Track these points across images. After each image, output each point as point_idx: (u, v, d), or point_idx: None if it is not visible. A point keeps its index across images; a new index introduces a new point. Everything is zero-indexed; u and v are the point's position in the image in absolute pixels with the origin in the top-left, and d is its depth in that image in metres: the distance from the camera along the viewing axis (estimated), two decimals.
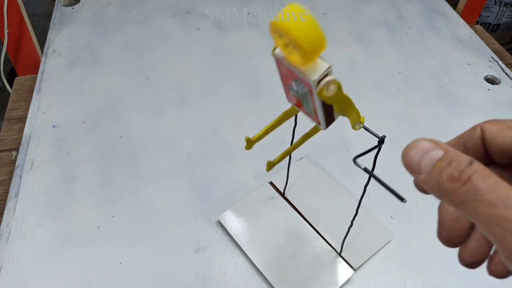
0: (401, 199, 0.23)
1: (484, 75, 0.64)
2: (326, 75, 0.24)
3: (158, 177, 0.49)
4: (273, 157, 0.52)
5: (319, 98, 0.24)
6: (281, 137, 0.53)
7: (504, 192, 0.15)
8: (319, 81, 0.23)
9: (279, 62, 0.25)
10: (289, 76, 0.25)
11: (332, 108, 0.26)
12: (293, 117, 0.38)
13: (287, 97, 0.28)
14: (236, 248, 0.43)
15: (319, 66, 0.24)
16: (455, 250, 0.45)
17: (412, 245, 0.44)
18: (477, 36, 0.71)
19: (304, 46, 0.21)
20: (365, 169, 0.25)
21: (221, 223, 0.44)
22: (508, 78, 0.64)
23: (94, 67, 0.63)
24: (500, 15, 1.26)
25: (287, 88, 0.27)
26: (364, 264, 0.42)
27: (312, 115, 0.26)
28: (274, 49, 0.24)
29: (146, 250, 0.42)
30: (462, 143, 0.21)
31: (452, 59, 0.67)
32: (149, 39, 0.68)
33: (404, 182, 0.51)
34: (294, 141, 0.34)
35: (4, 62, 0.70)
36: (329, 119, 0.27)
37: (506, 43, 1.27)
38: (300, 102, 0.27)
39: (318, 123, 0.27)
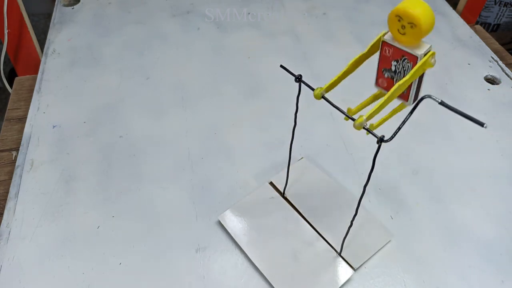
0: (481, 124, 0.27)
1: (484, 75, 0.64)
2: (428, 51, 0.30)
3: (158, 177, 0.49)
4: (273, 157, 0.52)
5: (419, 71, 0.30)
6: (281, 137, 0.54)
7: None
8: (425, 54, 0.30)
9: (387, 44, 0.32)
10: (392, 57, 0.32)
11: (421, 83, 0.32)
12: (293, 118, 0.38)
13: (377, 82, 0.35)
14: (236, 248, 0.43)
15: (423, 45, 0.30)
16: (455, 250, 0.45)
17: (412, 245, 0.44)
18: (477, 36, 0.71)
19: (423, 27, 0.28)
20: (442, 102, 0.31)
21: (221, 223, 0.44)
22: (508, 78, 0.64)
23: (94, 67, 0.63)
24: (500, 15, 1.26)
25: (381, 71, 0.34)
26: (364, 264, 0.42)
27: (403, 92, 0.32)
28: (383, 35, 0.32)
29: (146, 250, 0.42)
30: None
31: (452, 59, 0.67)
32: (149, 39, 0.68)
33: (404, 181, 0.51)
34: None
35: (4, 62, 0.70)
36: (417, 95, 0.33)
37: (506, 43, 1.27)
38: (392, 82, 0.33)
39: (406, 99, 0.33)
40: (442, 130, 0.56)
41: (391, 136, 0.32)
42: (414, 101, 0.33)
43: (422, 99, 0.30)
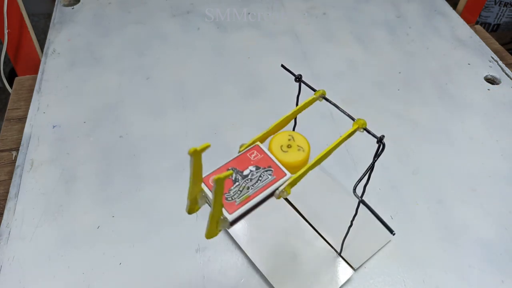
0: (391, 231, 0.28)
1: (484, 75, 0.64)
2: (289, 178, 0.29)
3: (158, 177, 0.49)
4: None
5: (275, 188, 0.29)
6: None
7: None
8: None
9: (259, 149, 0.31)
10: (257, 162, 0.30)
11: (259, 205, 0.29)
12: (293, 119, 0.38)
13: (206, 179, 0.31)
14: (236, 248, 0.43)
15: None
16: (455, 251, 0.45)
17: (412, 245, 0.44)
18: (477, 36, 0.71)
19: (306, 156, 0.31)
20: (362, 201, 0.30)
21: None
22: (508, 78, 0.64)
23: (94, 67, 0.63)
24: (500, 15, 1.26)
25: (226, 169, 0.30)
26: (364, 264, 0.42)
27: (231, 201, 0.28)
28: (246, 146, 0.32)
29: (146, 250, 0.42)
30: None
31: (452, 59, 0.67)
32: (149, 39, 0.68)
33: (404, 181, 0.51)
34: None
35: (4, 62, 0.70)
36: (242, 217, 0.29)
37: (506, 43, 1.27)
38: (229, 185, 0.29)
39: (231, 211, 0.28)
40: (442, 130, 0.56)
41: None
42: (231, 224, 0.28)
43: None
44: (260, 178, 0.29)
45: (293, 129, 0.40)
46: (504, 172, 0.51)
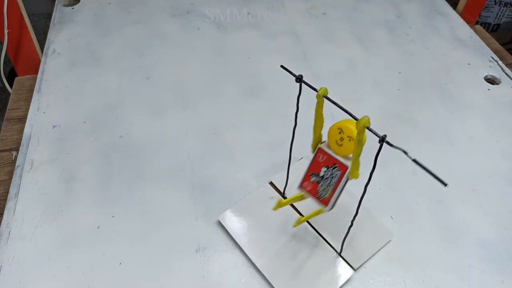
0: (444, 184, 0.30)
1: (484, 75, 0.64)
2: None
3: (158, 177, 0.49)
4: (273, 157, 0.52)
5: (346, 178, 0.35)
6: (281, 137, 0.54)
7: None
8: None
9: (323, 151, 0.36)
10: (325, 163, 0.36)
11: (342, 191, 0.36)
12: (293, 118, 0.38)
13: (301, 185, 0.38)
14: (236, 248, 0.43)
15: (350, 160, 0.35)
16: (455, 250, 0.45)
17: (412, 245, 0.44)
18: (477, 36, 0.71)
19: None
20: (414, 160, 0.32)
21: (221, 223, 0.44)
22: (508, 78, 0.64)
23: (94, 67, 0.63)
24: (500, 15, 1.26)
25: (309, 175, 0.37)
26: (364, 264, 0.42)
27: (323, 197, 0.36)
28: (315, 145, 0.37)
29: (146, 250, 0.42)
30: None
31: (452, 59, 0.67)
32: (149, 39, 0.68)
33: (404, 181, 0.51)
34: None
35: (4, 62, 0.70)
36: (336, 201, 0.36)
37: (506, 43, 1.27)
38: (316, 186, 0.37)
39: (326, 204, 0.36)
40: (442, 130, 0.56)
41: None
42: (331, 208, 0.37)
43: (402, 151, 0.33)
44: (332, 175, 0.35)
45: (293, 130, 0.40)
46: (504, 172, 0.51)
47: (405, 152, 0.31)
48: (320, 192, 0.36)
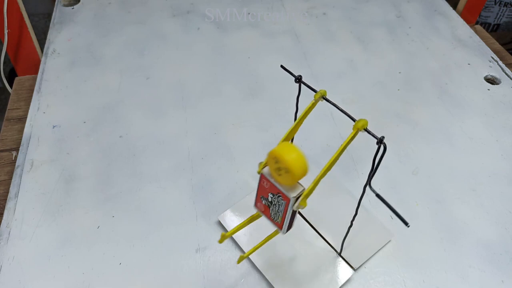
0: (405, 223, 0.29)
1: (484, 75, 0.64)
2: (301, 195, 0.31)
3: (158, 177, 0.49)
4: None
5: (291, 210, 0.32)
6: (280, 137, 0.53)
7: None
8: (297, 198, 0.31)
9: (265, 178, 0.32)
10: (269, 190, 0.32)
11: (295, 217, 0.33)
12: (293, 118, 0.38)
13: (255, 204, 0.35)
14: (236, 248, 0.43)
15: (297, 188, 0.31)
16: (455, 250, 0.45)
17: (412, 245, 0.44)
18: (477, 36, 0.71)
19: (296, 174, 0.29)
20: (378, 195, 0.31)
21: (221, 223, 0.44)
22: (508, 78, 0.64)
23: (94, 67, 0.63)
24: (500, 15, 1.26)
25: (260, 197, 0.34)
26: (364, 264, 0.42)
27: (276, 221, 0.34)
28: (262, 167, 0.32)
29: (146, 250, 0.42)
30: None
31: (452, 59, 0.67)
32: (149, 39, 0.68)
33: (404, 181, 0.51)
34: None
35: (4, 62, 0.70)
36: (290, 226, 0.34)
37: (506, 43, 1.27)
38: (268, 209, 0.34)
39: (280, 227, 0.34)
40: (442, 130, 0.56)
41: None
42: (287, 231, 0.34)
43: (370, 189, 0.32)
44: (278, 203, 0.33)
45: None
46: (504, 172, 0.51)
47: (370, 186, 0.30)
48: (272, 216, 0.34)
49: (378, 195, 0.31)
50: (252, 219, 0.36)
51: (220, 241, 0.35)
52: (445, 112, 0.58)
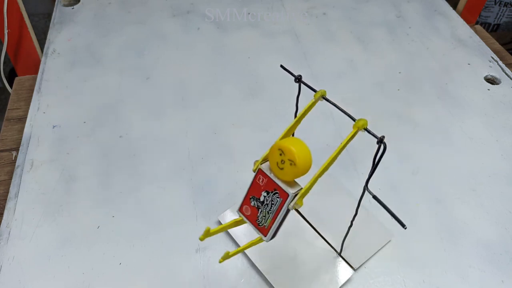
0: (402, 225, 0.28)
1: (484, 75, 0.64)
2: (299, 192, 0.31)
3: (158, 177, 0.49)
4: None
5: (286, 208, 0.31)
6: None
7: None
8: (295, 195, 0.31)
9: (263, 173, 0.32)
10: (264, 187, 0.32)
11: (283, 222, 0.32)
12: (293, 118, 0.38)
13: (241, 208, 0.34)
14: (236, 248, 0.42)
15: (295, 185, 0.31)
16: (455, 250, 0.45)
17: (412, 245, 0.44)
18: (477, 36, 0.71)
19: (301, 167, 0.29)
20: (375, 197, 0.31)
21: (221, 223, 0.44)
22: (508, 78, 0.64)
23: (94, 67, 0.63)
24: (500, 15, 1.26)
25: (249, 198, 0.33)
26: (364, 264, 0.42)
27: (262, 226, 0.32)
28: (258, 165, 0.32)
29: (146, 250, 0.42)
30: None
31: (452, 59, 0.67)
32: (149, 39, 0.68)
33: (404, 181, 0.51)
34: None
35: (4, 62, 0.70)
36: (277, 231, 0.33)
37: (506, 43, 1.27)
38: (256, 212, 0.32)
39: (265, 234, 0.32)
40: (442, 130, 0.56)
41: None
42: (272, 238, 0.33)
43: (364, 190, 0.31)
44: (272, 202, 0.31)
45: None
46: (504, 172, 0.51)
47: (367, 189, 0.30)
48: (259, 219, 0.33)
49: (375, 197, 0.31)
50: (235, 223, 0.35)
51: (201, 238, 0.32)
52: (445, 112, 0.58)
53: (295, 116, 0.38)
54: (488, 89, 0.62)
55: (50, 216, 0.45)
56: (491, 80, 0.64)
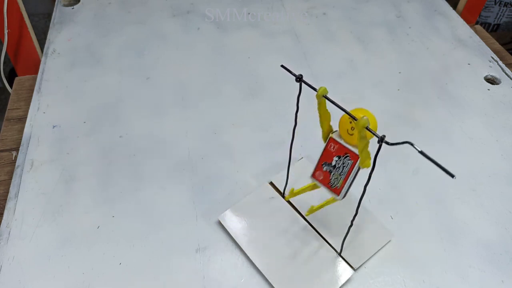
0: (451, 175, 0.30)
1: (484, 75, 0.64)
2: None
3: (158, 177, 0.49)
4: (273, 157, 0.52)
5: (358, 168, 0.35)
6: (281, 137, 0.54)
7: None
8: None
9: (334, 140, 0.36)
10: (336, 152, 0.36)
11: (354, 180, 0.36)
12: (293, 118, 0.38)
13: (313, 174, 0.38)
14: (236, 248, 0.43)
15: None
16: (455, 250, 0.45)
17: (412, 245, 0.44)
18: (477, 36, 0.71)
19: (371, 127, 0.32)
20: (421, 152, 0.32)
21: (221, 223, 0.44)
22: (508, 78, 0.64)
23: (94, 67, 0.63)
24: (500, 15, 1.26)
25: (321, 164, 0.37)
26: (364, 264, 0.42)
27: (334, 187, 0.37)
28: (328, 134, 0.37)
29: (146, 250, 0.42)
30: None
31: (452, 59, 0.67)
32: (149, 39, 0.68)
33: (404, 181, 0.51)
34: None
35: (4, 62, 0.70)
36: (348, 190, 0.37)
37: (506, 43, 1.28)
38: (328, 175, 0.37)
39: (338, 193, 0.37)
40: (442, 130, 0.56)
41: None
42: (344, 197, 0.37)
43: (404, 143, 0.31)
44: (343, 165, 0.36)
45: (293, 130, 0.40)
46: (504, 172, 0.51)
47: (411, 144, 0.29)
48: (332, 182, 0.37)
49: (421, 152, 0.30)
50: (311, 187, 0.40)
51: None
52: (445, 112, 0.58)
53: (296, 116, 0.38)
54: (488, 89, 0.62)
55: (50, 216, 0.45)
56: (491, 80, 0.64)
